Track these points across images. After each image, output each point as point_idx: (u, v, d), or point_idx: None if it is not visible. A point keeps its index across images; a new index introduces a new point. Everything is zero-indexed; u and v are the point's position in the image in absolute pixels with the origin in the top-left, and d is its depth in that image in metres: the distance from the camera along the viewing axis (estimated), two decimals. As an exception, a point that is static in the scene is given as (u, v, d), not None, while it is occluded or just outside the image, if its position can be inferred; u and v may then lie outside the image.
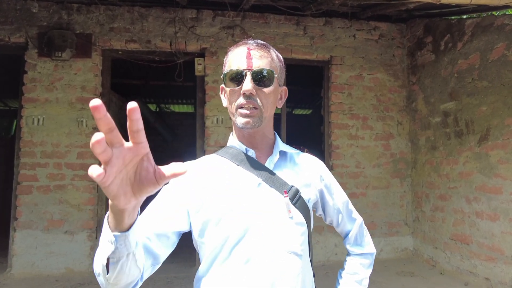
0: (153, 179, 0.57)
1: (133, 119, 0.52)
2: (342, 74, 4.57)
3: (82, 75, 4.07)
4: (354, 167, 4.52)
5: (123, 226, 0.66)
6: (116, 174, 0.55)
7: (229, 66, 0.98)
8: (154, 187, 0.58)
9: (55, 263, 3.85)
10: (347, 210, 1.13)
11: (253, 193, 0.95)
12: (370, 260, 1.14)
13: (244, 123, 0.94)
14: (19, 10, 4.02)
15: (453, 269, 3.88)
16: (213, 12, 4.33)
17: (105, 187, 0.55)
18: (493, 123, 3.42)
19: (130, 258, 0.70)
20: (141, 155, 0.56)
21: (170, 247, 0.92)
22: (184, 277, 3.82)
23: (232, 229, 0.91)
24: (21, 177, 3.91)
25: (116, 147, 0.54)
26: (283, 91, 1.05)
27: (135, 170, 0.58)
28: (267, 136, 1.03)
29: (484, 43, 3.57)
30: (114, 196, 0.57)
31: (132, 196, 0.59)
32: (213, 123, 4.23)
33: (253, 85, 0.93)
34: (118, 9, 4.18)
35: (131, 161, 0.56)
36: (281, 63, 1.03)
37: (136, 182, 0.58)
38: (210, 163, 1.03)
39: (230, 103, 0.98)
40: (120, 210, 0.62)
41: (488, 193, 3.47)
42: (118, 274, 0.71)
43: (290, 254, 0.92)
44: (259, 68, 0.93)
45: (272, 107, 1.00)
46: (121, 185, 0.57)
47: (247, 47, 0.96)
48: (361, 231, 1.15)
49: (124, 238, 0.66)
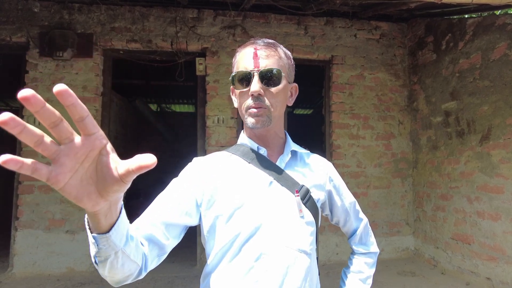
0: (116, 176, 0.50)
1: (68, 105, 0.45)
2: (343, 74, 4.57)
3: (83, 75, 4.08)
4: (355, 166, 4.52)
5: (101, 227, 0.61)
6: (70, 173, 0.48)
7: (237, 67, 0.98)
8: (119, 186, 0.51)
9: (56, 262, 3.85)
10: (354, 210, 1.15)
11: (264, 191, 0.95)
12: (374, 259, 1.15)
13: (253, 122, 0.94)
14: (21, 10, 4.03)
15: (455, 269, 3.87)
16: (214, 12, 4.33)
17: (60, 189, 0.49)
18: (495, 122, 3.41)
19: (119, 255, 0.67)
20: (97, 148, 0.50)
21: (177, 238, 0.91)
22: (185, 277, 3.82)
23: (244, 225, 0.91)
24: (22, 177, 3.92)
25: (65, 143, 0.48)
26: (293, 88, 1.05)
27: (95, 167, 0.51)
28: (278, 135, 1.03)
29: (485, 43, 3.56)
30: (76, 199, 0.51)
31: (99, 197, 0.53)
32: (214, 123, 4.23)
33: (260, 86, 0.92)
34: (119, 8, 4.19)
35: (87, 157, 0.49)
36: (290, 60, 1.02)
37: (100, 180, 0.51)
38: (221, 159, 1.02)
39: (240, 104, 0.98)
40: (91, 213, 0.57)
41: (489, 192, 3.47)
42: (110, 270, 0.69)
43: (300, 253, 0.93)
44: (266, 68, 0.93)
45: (282, 106, 0.99)
46: (80, 186, 0.50)
47: (254, 47, 0.96)
48: (366, 230, 1.17)
49: (106, 239, 0.63)
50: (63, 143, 0.48)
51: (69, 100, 0.44)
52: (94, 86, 4.09)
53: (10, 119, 0.41)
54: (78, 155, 0.49)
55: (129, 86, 6.89)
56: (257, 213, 0.92)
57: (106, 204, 0.56)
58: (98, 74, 4.13)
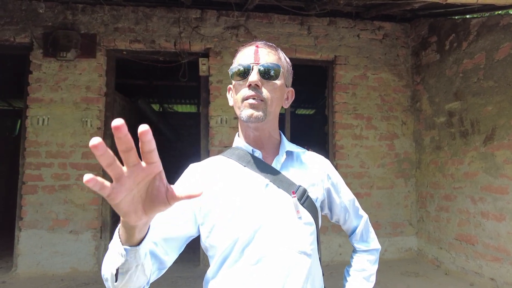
0: (165, 199, 0.57)
1: (145, 141, 0.52)
2: (346, 74, 4.57)
3: (86, 75, 4.08)
4: (358, 167, 4.51)
5: (133, 240, 0.67)
6: (127, 192, 0.55)
7: (237, 62, 0.99)
8: (165, 207, 0.58)
9: (60, 262, 3.86)
10: (354, 207, 1.14)
11: (261, 194, 0.94)
12: (376, 256, 1.15)
13: (248, 115, 0.93)
14: (24, 11, 4.04)
15: (458, 270, 3.86)
16: (217, 12, 4.33)
17: (115, 205, 0.55)
18: (499, 123, 3.40)
19: (138, 269, 0.71)
20: (153, 174, 0.57)
21: (177, 252, 0.92)
22: (189, 277, 3.83)
23: (242, 230, 0.90)
24: (26, 177, 3.93)
25: (130, 167, 0.54)
26: (289, 92, 1.05)
27: (146, 188, 0.58)
28: (272, 136, 1.03)
29: (489, 43, 3.55)
30: (125, 213, 0.58)
31: (143, 214, 0.60)
32: (217, 123, 4.23)
33: (259, 77, 0.94)
34: (123, 9, 4.19)
35: (143, 180, 0.56)
36: (289, 65, 1.04)
37: (147, 200, 0.59)
38: (217, 164, 1.02)
39: (236, 97, 0.98)
40: (131, 226, 0.63)
41: (493, 193, 3.46)
42: (126, 283, 0.72)
43: (300, 254, 0.92)
44: (266, 63, 0.94)
45: (278, 104, 0.99)
46: (131, 203, 0.57)
47: (256, 44, 0.98)
48: (366, 227, 1.16)
49: (135, 252, 0.68)
50: (128, 166, 0.54)
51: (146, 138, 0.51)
52: (97, 86, 4.10)
53: (100, 144, 0.48)
54: (137, 178, 0.55)
55: (131, 86, 6.89)
56: (254, 216, 0.91)
57: (146, 220, 0.62)
58: (101, 75, 4.14)
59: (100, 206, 4.05)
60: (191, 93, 7.29)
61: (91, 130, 4.04)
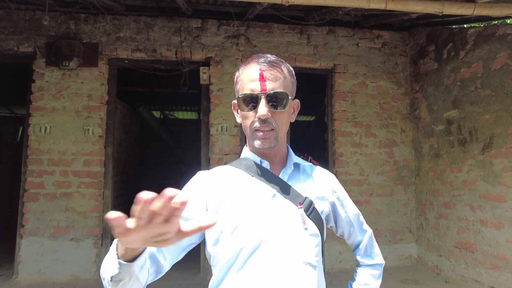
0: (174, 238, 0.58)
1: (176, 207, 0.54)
2: (346, 82, 4.61)
3: (88, 84, 4.13)
4: (358, 174, 4.54)
5: (128, 257, 0.70)
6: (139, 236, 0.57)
7: (242, 87, 0.99)
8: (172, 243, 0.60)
9: (61, 270, 3.87)
10: (358, 222, 1.15)
11: (268, 204, 0.96)
12: (379, 270, 1.15)
13: (261, 144, 0.97)
14: (28, 21, 4.10)
15: (458, 277, 3.87)
16: (218, 22, 4.39)
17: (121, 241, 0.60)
18: (497, 131, 3.43)
19: (133, 279, 0.74)
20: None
21: (176, 258, 0.93)
22: (189, 285, 3.83)
23: (247, 239, 0.92)
24: (28, 185, 3.96)
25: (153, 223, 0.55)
26: (295, 104, 1.07)
27: None
28: (281, 149, 1.05)
29: (486, 52, 3.59)
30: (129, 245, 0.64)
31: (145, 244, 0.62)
32: (218, 131, 4.27)
33: (268, 109, 0.94)
34: (125, 18, 4.25)
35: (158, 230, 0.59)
36: (293, 77, 1.04)
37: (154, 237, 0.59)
38: (224, 173, 1.04)
39: (245, 125, 1.00)
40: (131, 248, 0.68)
41: (492, 201, 3.48)
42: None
43: (305, 265, 0.93)
44: (273, 92, 0.94)
45: (287, 125, 1.02)
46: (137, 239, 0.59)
47: (259, 67, 0.96)
48: (370, 242, 1.17)
49: (129, 267, 0.71)
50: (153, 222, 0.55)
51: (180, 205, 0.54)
52: (99, 95, 4.14)
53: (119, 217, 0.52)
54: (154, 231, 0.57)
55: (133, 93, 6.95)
56: (260, 226, 0.93)
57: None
58: (103, 83, 4.19)
59: (101, 213, 4.06)
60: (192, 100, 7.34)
61: (92, 138, 4.08)
